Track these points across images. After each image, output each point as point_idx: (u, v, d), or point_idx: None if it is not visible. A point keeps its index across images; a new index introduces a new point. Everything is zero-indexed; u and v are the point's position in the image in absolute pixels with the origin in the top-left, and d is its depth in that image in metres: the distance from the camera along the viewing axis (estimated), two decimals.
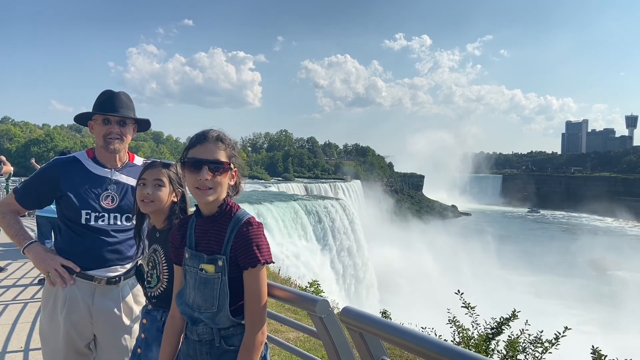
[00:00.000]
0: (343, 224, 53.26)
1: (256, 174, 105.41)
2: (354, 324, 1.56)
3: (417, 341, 1.22)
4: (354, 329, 1.58)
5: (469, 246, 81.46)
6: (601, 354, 5.79)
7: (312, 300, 1.78)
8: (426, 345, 1.15)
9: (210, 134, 2.33)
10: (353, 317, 1.57)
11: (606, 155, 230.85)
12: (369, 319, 1.49)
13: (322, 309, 1.71)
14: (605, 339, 32.20)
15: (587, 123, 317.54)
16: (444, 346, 1.07)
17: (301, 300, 1.92)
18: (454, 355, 1.00)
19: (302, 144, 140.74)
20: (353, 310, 1.57)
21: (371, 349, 1.51)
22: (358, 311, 1.56)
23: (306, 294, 1.86)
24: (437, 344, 1.09)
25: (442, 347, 1.08)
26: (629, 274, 78.51)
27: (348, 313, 1.58)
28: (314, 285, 13.55)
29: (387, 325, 1.41)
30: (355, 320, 1.55)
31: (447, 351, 1.04)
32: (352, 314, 1.57)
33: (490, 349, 7.18)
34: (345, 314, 1.59)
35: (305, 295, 1.85)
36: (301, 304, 1.86)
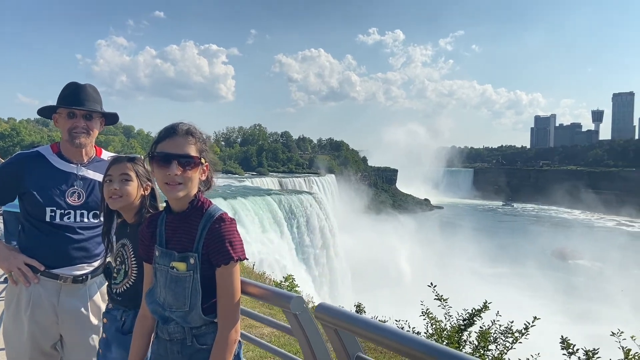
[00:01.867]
0: (317, 218, 53.40)
1: (230, 169, 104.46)
2: (329, 320, 1.54)
3: (392, 337, 1.20)
4: (329, 325, 1.56)
5: (441, 239, 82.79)
6: (569, 343, 5.93)
7: (287, 297, 1.76)
8: (400, 341, 1.14)
9: (180, 127, 2.25)
10: (328, 314, 1.55)
11: (573, 149, 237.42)
12: (345, 316, 1.48)
13: (296, 305, 1.69)
14: (572, 327, 33.22)
15: (555, 118, 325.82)
16: (418, 341, 1.06)
17: (275, 297, 1.89)
18: (427, 350, 0.99)
19: (276, 139, 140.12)
20: (328, 307, 1.55)
21: (346, 345, 1.50)
22: (333, 308, 1.54)
23: (280, 290, 1.83)
24: (412, 340, 1.08)
25: (416, 343, 1.07)
26: (590, 263, 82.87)
27: (323, 309, 1.56)
28: (289, 280, 13.54)
29: (363, 322, 1.40)
30: (331, 317, 1.53)
31: (421, 346, 1.03)
32: (327, 310, 1.55)
33: (463, 340, 7.31)
34: (320, 310, 1.57)
35: (279, 292, 1.82)
36: (275, 301, 1.84)
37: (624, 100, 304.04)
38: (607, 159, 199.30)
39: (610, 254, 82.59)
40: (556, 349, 6.29)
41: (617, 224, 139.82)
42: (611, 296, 57.93)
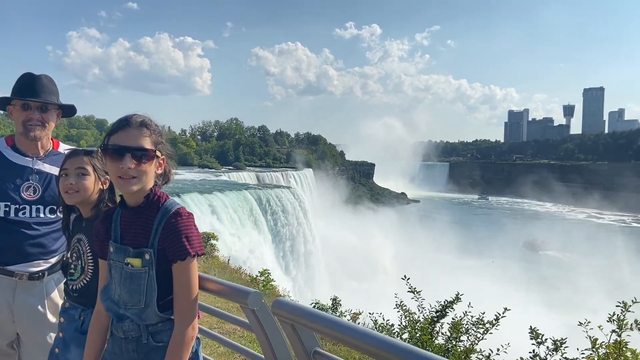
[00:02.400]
0: (295, 213, 53.33)
1: (206, 163, 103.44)
2: (285, 315, 1.50)
3: (347, 332, 1.18)
4: (286, 321, 1.53)
5: (418, 232, 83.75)
6: (538, 333, 6.04)
7: (244, 292, 1.71)
8: (355, 336, 1.11)
9: (134, 119, 2.18)
10: (285, 309, 1.51)
11: (545, 143, 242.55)
12: (301, 311, 1.44)
13: (254, 301, 1.65)
14: (543, 317, 33.97)
15: (527, 112, 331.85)
16: (374, 336, 1.04)
17: (233, 292, 1.84)
18: (382, 345, 0.99)
19: (254, 133, 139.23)
20: (285, 302, 1.52)
21: (303, 340, 1.47)
22: (290, 303, 1.51)
23: (238, 286, 1.78)
24: (366, 335, 1.06)
25: (372, 338, 1.04)
26: (559, 254, 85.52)
27: (280, 305, 1.53)
28: (265, 274, 13.52)
29: (319, 317, 1.37)
30: (287, 312, 1.49)
31: (375, 341, 1.01)
32: (284, 305, 1.52)
33: (435, 331, 7.39)
34: (277, 305, 1.53)
35: (237, 288, 1.77)
36: (233, 297, 1.79)
37: (594, 96, 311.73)
38: (577, 153, 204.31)
39: (579, 245, 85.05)
40: (527, 339, 6.41)
41: (587, 216, 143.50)
42: (580, 286, 59.59)
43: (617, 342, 5.96)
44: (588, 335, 6.06)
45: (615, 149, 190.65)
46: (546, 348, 6.08)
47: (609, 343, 6.00)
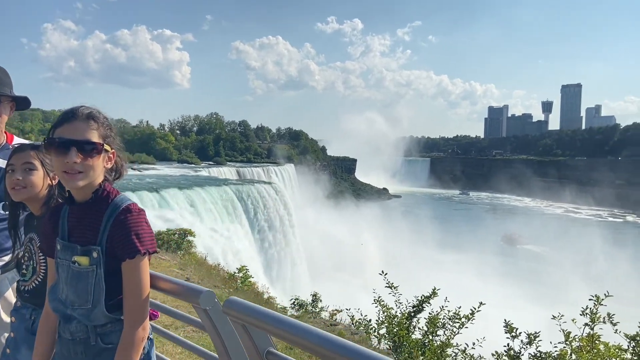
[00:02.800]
0: (276, 208, 53.14)
1: (186, 158, 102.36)
2: (236, 315, 1.44)
3: (298, 332, 1.12)
4: (237, 321, 1.47)
5: (399, 227, 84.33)
6: (512, 326, 6.08)
7: (196, 291, 1.63)
8: (306, 337, 1.06)
9: (81, 111, 2.08)
10: (235, 309, 1.45)
11: (524, 138, 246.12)
12: (252, 311, 1.38)
13: (206, 300, 1.57)
14: (520, 311, 34.53)
15: (507, 108, 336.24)
16: (324, 337, 1.02)
17: (185, 291, 1.76)
18: (331, 346, 0.99)
19: (234, 127, 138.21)
20: (236, 302, 1.45)
21: (255, 341, 1.41)
22: (241, 302, 1.44)
23: (190, 285, 1.70)
24: (318, 336, 1.02)
25: (322, 338, 1.02)
26: (537, 248, 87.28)
27: (231, 305, 1.46)
28: (243, 271, 13.42)
29: (270, 317, 1.31)
30: (238, 312, 1.43)
31: (326, 342, 1.01)
32: (235, 305, 1.45)
33: (412, 326, 7.40)
34: (228, 305, 1.47)
35: (189, 287, 1.70)
36: (185, 296, 1.71)
37: (572, 92, 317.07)
38: (555, 149, 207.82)
39: (556, 239, 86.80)
40: (503, 333, 6.46)
41: (564, 211, 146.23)
42: (556, 279, 60.76)
43: (590, 335, 6.04)
44: (562, 328, 6.12)
45: (592, 144, 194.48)
46: (520, 342, 6.13)
47: (582, 336, 6.08)
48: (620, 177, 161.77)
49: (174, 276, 9.61)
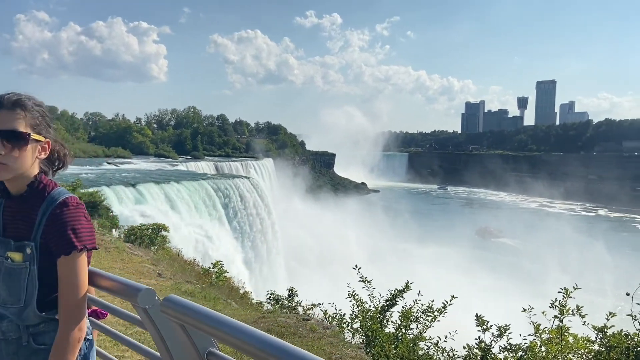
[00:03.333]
0: (255, 203, 52.85)
1: (163, 152, 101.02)
2: (174, 315, 1.36)
3: (236, 333, 1.05)
4: (175, 320, 1.38)
5: (377, 222, 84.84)
6: (483, 319, 6.12)
7: (135, 289, 1.53)
8: (245, 338, 1.01)
9: (7, 98, 1.95)
10: (173, 308, 1.36)
11: (500, 134, 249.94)
12: (189, 310, 1.30)
13: (145, 299, 1.47)
14: (491, 303, 35.10)
15: (484, 104, 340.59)
16: (263, 339, 1.01)
17: (123, 289, 1.64)
18: (270, 348, 0.98)
19: (212, 122, 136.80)
20: (174, 300, 1.36)
21: (195, 341, 1.33)
22: (178, 301, 1.35)
23: (129, 282, 1.59)
24: (257, 337, 1.01)
25: (261, 341, 1.01)
26: (510, 241, 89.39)
27: (169, 303, 1.37)
28: (218, 266, 13.27)
29: (208, 317, 1.23)
30: (175, 312, 1.35)
31: (265, 344, 1.00)
32: (173, 304, 1.36)
33: (386, 320, 7.40)
34: (166, 304, 1.38)
35: (127, 284, 1.59)
36: (123, 294, 1.60)
37: (547, 88, 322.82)
38: (531, 144, 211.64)
39: (529, 233, 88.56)
40: (474, 325, 6.50)
41: (539, 205, 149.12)
42: (528, 271, 61.88)
43: (559, 327, 6.11)
44: (532, 321, 6.19)
45: (566, 140, 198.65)
46: (491, 334, 6.18)
47: (552, 328, 6.15)
48: (593, 172, 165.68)
49: (145, 272, 9.44)
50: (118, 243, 12.07)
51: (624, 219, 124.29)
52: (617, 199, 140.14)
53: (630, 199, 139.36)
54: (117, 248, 11.17)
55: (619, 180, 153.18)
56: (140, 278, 8.34)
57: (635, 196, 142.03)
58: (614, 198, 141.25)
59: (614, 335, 5.66)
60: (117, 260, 9.64)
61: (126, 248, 11.68)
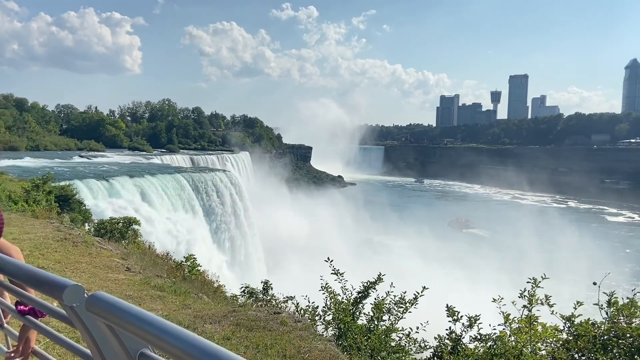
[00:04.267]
0: (231, 196, 52.46)
1: (137, 145, 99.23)
2: (100, 314, 1.24)
3: (165, 335, 1.01)
4: (102, 320, 1.26)
5: (353, 214, 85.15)
6: (454, 310, 6.13)
7: (59, 285, 1.35)
8: (172, 341, 0.99)
9: None
10: (99, 307, 1.24)
11: (474, 127, 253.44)
12: (117, 309, 1.18)
13: (72, 296, 1.33)
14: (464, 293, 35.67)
15: (458, 98, 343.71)
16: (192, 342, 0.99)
17: (46, 285, 1.46)
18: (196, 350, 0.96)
19: (187, 114, 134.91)
20: (100, 298, 1.24)
21: (124, 342, 1.21)
22: (105, 300, 1.23)
23: (53, 277, 1.42)
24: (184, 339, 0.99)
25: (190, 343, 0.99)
26: (482, 232, 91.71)
27: (94, 301, 1.25)
28: (190, 259, 13.04)
29: (135, 317, 1.11)
30: (101, 310, 1.22)
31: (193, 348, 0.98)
32: (98, 302, 1.24)
33: (358, 312, 7.37)
34: (91, 302, 1.25)
35: (51, 279, 1.41)
36: (47, 290, 1.43)
37: (519, 82, 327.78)
38: (503, 137, 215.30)
39: (500, 223, 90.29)
40: (445, 316, 6.51)
41: (512, 197, 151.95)
42: (497, 261, 62.67)
43: (528, 316, 6.17)
44: (501, 311, 6.23)
45: (538, 133, 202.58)
46: (462, 325, 6.20)
47: (522, 318, 6.21)
48: (563, 165, 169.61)
49: (113, 266, 9.20)
50: (87, 237, 11.76)
51: (594, 210, 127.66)
52: (587, 191, 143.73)
53: (598, 191, 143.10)
54: (85, 242, 10.87)
55: (588, 173, 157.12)
56: (108, 272, 8.11)
57: (604, 188, 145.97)
58: (583, 190, 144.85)
59: (581, 324, 5.74)
60: (84, 255, 9.37)
61: (95, 242, 11.38)
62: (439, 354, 6.10)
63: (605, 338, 5.36)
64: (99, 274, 8.04)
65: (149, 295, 6.97)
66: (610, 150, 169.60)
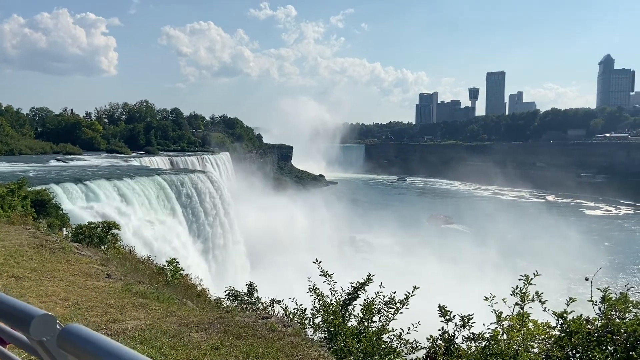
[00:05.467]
0: (212, 197, 51.91)
1: (115, 148, 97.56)
2: (75, 352, 1.02)
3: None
4: (74, 357, 1.05)
5: (335, 213, 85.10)
6: (447, 310, 6.02)
7: (25, 315, 1.06)
8: None
9: None
10: (74, 343, 1.03)
11: (453, 124, 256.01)
12: (94, 346, 0.99)
13: (41, 329, 1.07)
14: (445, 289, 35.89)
15: (437, 95, 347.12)
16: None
17: (7, 314, 1.18)
18: None
19: (166, 115, 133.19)
20: (75, 333, 1.02)
21: None
22: (81, 334, 1.01)
23: (21, 306, 1.13)
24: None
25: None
26: (460, 227, 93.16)
27: (68, 336, 1.02)
28: (173, 264, 12.74)
29: (116, 356, 0.97)
30: (77, 348, 1.01)
31: None
32: (73, 338, 1.02)
33: (348, 314, 7.23)
34: (64, 337, 1.03)
35: (17, 308, 1.13)
36: (9, 320, 1.16)
37: (496, 79, 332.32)
38: (482, 134, 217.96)
39: (479, 219, 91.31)
40: (436, 315, 6.40)
41: (492, 193, 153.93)
42: (476, 255, 63.30)
43: (519, 314, 6.09)
44: (494, 309, 6.14)
45: (515, 129, 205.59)
46: (454, 324, 6.09)
47: (513, 315, 6.13)
48: (541, 160, 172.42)
49: (93, 273, 8.87)
50: (64, 243, 11.36)
51: (572, 204, 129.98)
52: (564, 185, 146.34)
53: (575, 185, 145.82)
54: (63, 249, 10.49)
55: (564, 167, 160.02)
56: (87, 280, 7.78)
57: (580, 182, 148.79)
58: (561, 184, 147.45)
59: (574, 321, 5.68)
60: (62, 262, 9.00)
61: (73, 248, 11.00)
62: (432, 355, 5.98)
63: (600, 334, 5.30)
64: (77, 281, 7.71)
65: (131, 303, 6.68)
66: (586, 145, 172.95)
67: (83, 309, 6.27)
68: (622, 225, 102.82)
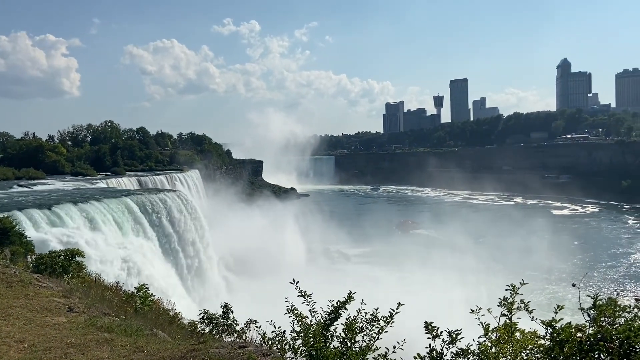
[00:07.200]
0: (183, 216, 50.85)
1: (80, 170, 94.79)
2: None
3: None
4: None
5: (308, 226, 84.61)
6: (433, 326, 5.76)
7: None
8: None
9: None
10: None
11: (420, 132, 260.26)
12: None
13: None
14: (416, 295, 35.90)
15: (403, 104, 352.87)
16: None
17: None
18: None
19: (132, 135, 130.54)
20: None
21: None
22: None
23: None
24: None
25: None
26: (427, 232, 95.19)
27: None
28: (142, 290, 12.15)
29: None
30: None
31: None
32: None
33: (330, 335, 6.88)
34: None
35: None
36: None
37: (460, 86, 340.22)
38: (449, 140, 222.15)
39: (447, 224, 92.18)
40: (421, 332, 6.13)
41: (462, 198, 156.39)
42: (437, 260, 63.36)
43: (506, 324, 5.88)
44: (481, 322, 5.92)
45: (480, 134, 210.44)
46: (442, 340, 5.83)
47: (499, 326, 5.91)
48: (507, 164, 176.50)
49: (53, 307, 8.27)
50: (23, 275, 10.63)
51: (539, 205, 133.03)
52: (530, 187, 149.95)
53: (541, 186, 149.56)
54: (21, 281, 9.79)
55: (530, 170, 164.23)
56: (46, 316, 7.16)
57: (545, 183, 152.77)
58: (528, 186, 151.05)
59: (564, 329, 5.48)
60: (19, 297, 8.34)
61: (33, 280, 10.30)
62: None
63: (592, 342, 5.11)
64: (35, 319, 7.11)
65: (94, 339, 6.14)
66: (548, 147, 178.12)
67: (40, 350, 5.72)
68: (589, 223, 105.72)
